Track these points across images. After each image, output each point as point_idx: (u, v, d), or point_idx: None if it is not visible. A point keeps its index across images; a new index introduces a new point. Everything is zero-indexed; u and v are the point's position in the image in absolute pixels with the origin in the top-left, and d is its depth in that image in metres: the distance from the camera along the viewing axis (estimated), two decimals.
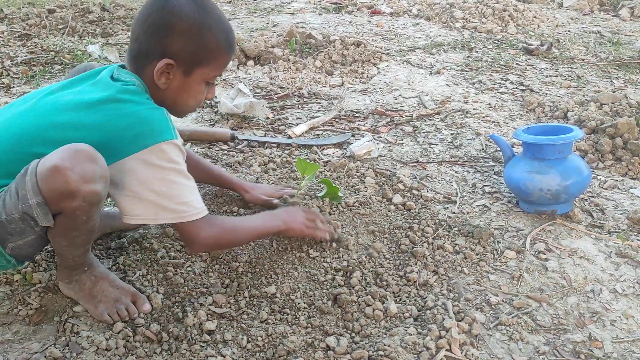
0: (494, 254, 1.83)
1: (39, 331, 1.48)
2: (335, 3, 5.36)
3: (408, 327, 1.52)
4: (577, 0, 5.57)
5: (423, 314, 1.58)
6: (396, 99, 3.13)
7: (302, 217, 1.74)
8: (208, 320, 1.50)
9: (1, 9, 4.39)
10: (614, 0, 5.68)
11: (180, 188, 1.43)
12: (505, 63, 3.77)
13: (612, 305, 1.63)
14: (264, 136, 2.61)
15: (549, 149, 1.94)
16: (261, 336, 1.46)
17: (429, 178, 2.28)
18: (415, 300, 1.64)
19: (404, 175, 2.25)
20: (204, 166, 1.96)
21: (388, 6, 5.29)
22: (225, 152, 2.41)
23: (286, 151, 2.44)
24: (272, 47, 3.73)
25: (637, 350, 1.48)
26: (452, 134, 2.69)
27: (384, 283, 1.69)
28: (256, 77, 3.38)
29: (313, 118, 2.81)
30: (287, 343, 1.43)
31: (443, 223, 1.95)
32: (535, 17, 4.81)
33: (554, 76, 3.57)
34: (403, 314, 1.58)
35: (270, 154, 2.37)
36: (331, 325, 1.54)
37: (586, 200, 2.15)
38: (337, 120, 2.83)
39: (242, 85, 2.89)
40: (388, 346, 1.43)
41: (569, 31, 4.63)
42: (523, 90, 3.30)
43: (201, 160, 1.97)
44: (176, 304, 1.57)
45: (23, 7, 4.54)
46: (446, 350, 1.44)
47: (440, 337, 1.47)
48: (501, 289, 1.69)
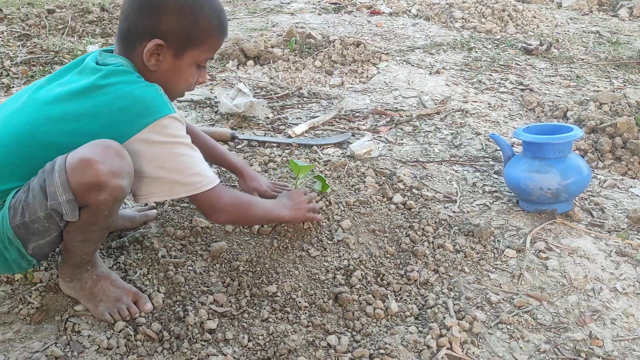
0: (495, 253, 1.84)
1: (40, 330, 1.48)
2: (334, 3, 5.36)
3: (409, 326, 1.52)
4: (576, 0, 5.58)
5: (424, 313, 1.58)
6: (396, 99, 3.13)
7: (305, 204, 1.77)
8: (209, 319, 1.50)
9: (1, 9, 4.39)
10: (613, 0, 5.69)
11: (189, 160, 1.43)
12: (504, 63, 3.77)
13: (613, 303, 1.64)
14: (264, 136, 2.61)
15: (549, 148, 1.94)
16: (262, 335, 1.47)
17: (429, 177, 2.29)
18: (416, 299, 1.64)
19: (404, 174, 2.25)
20: (205, 142, 1.90)
21: (387, 6, 5.29)
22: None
23: (286, 151, 2.44)
24: (272, 47, 3.74)
25: (638, 348, 1.49)
26: (452, 134, 2.70)
27: (385, 282, 1.69)
28: (256, 77, 3.38)
29: (313, 118, 2.82)
30: (288, 342, 1.43)
31: (443, 222, 1.96)
32: (534, 17, 4.81)
33: (554, 76, 3.57)
34: (404, 313, 1.58)
35: (270, 154, 2.37)
36: (332, 324, 1.54)
37: (586, 199, 2.15)
38: (337, 120, 2.84)
39: (242, 85, 2.89)
40: (389, 345, 1.43)
41: (568, 31, 4.64)
42: (522, 89, 3.31)
43: (201, 134, 1.91)
44: (177, 303, 1.57)
45: (22, 8, 4.54)
46: (447, 348, 1.44)
47: (441, 336, 1.47)
48: (502, 288, 1.69)
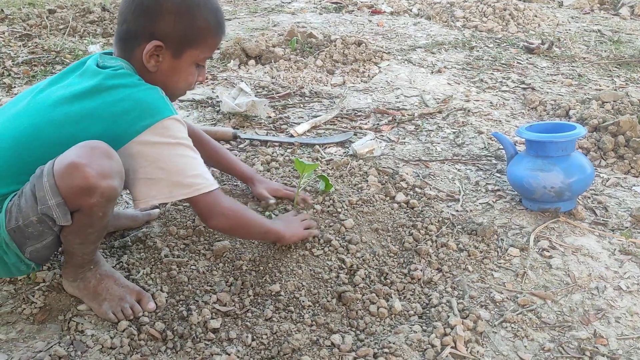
0: (498, 252, 1.83)
1: (44, 330, 1.47)
2: (335, 2, 5.36)
3: (413, 325, 1.51)
4: None
5: (428, 312, 1.57)
6: (398, 98, 3.13)
7: (299, 224, 1.78)
8: (212, 318, 1.50)
9: (2, 10, 4.38)
10: None
11: (189, 161, 1.43)
12: (506, 62, 3.77)
13: (617, 302, 1.63)
14: (266, 135, 2.60)
15: (553, 147, 1.94)
16: (266, 334, 1.46)
17: (432, 176, 2.28)
18: (419, 297, 1.64)
19: (407, 173, 2.25)
20: (210, 147, 1.90)
21: (388, 5, 5.29)
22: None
23: (288, 150, 2.44)
24: (273, 47, 3.73)
25: None
26: (454, 133, 2.69)
27: (388, 281, 1.68)
28: (257, 77, 3.38)
29: (315, 117, 2.81)
30: (292, 341, 1.43)
31: (446, 221, 1.95)
32: (535, 16, 4.81)
33: (555, 75, 3.57)
34: (407, 312, 1.58)
35: (272, 153, 2.37)
36: (336, 323, 1.53)
37: (589, 197, 2.15)
38: (339, 119, 2.83)
39: (244, 84, 2.89)
40: (393, 344, 1.43)
41: (570, 30, 4.64)
42: (524, 88, 3.31)
43: (205, 138, 1.90)
44: (180, 302, 1.57)
45: (24, 8, 4.53)
46: (451, 347, 1.44)
47: (445, 335, 1.47)
48: (505, 287, 1.69)
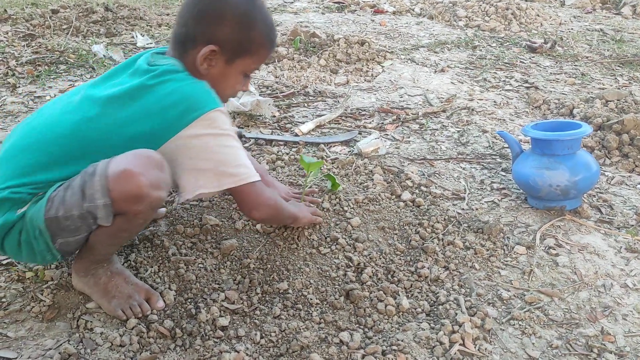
0: (504, 250, 1.84)
1: (53, 328, 1.48)
2: (338, 2, 5.36)
3: (421, 322, 1.52)
4: None
5: (435, 309, 1.58)
6: (401, 97, 3.13)
7: (307, 209, 1.83)
8: (221, 316, 1.50)
9: (5, 10, 4.39)
10: None
11: (235, 152, 1.46)
12: (509, 61, 3.77)
13: (624, 299, 1.64)
14: (271, 134, 2.61)
15: (558, 145, 1.94)
16: (274, 332, 1.47)
17: (437, 175, 2.29)
18: (427, 295, 1.64)
19: (412, 172, 2.25)
20: None
21: (391, 5, 5.29)
22: None
23: (294, 149, 2.45)
24: (277, 46, 3.74)
25: None
26: (459, 131, 2.70)
27: (396, 279, 1.69)
28: (261, 76, 3.38)
29: (319, 116, 2.82)
30: (301, 338, 1.43)
31: (452, 219, 1.96)
32: (538, 16, 4.81)
33: (558, 74, 3.57)
34: (415, 310, 1.58)
35: (277, 152, 2.38)
36: (344, 320, 1.54)
37: (594, 196, 2.15)
38: (343, 118, 2.84)
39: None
40: (401, 341, 1.43)
41: (572, 29, 4.64)
42: (528, 87, 3.31)
43: None
44: (189, 300, 1.57)
45: (27, 8, 4.54)
46: (460, 345, 1.44)
47: (453, 332, 1.47)
48: (512, 284, 1.69)
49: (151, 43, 3.92)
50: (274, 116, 2.80)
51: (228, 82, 1.54)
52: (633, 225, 1.97)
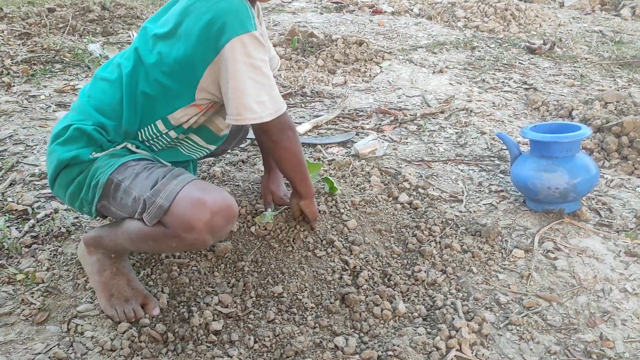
0: (502, 253, 1.81)
1: (43, 331, 1.45)
2: (336, 2, 5.34)
3: (417, 327, 1.50)
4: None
5: (432, 314, 1.55)
6: (399, 98, 3.11)
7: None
8: (214, 320, 1.48)
9: (1, 8, 4.36)
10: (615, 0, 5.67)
11: (259, 85, 1.42)
12: (508, 62, 3.75)
13: (623, 304, 1.61)
14: None
15: (557, 147, 1.92)
16: (268, 336, 1.44)
17: (435, 177, 2.26)
18: (423, 299, 1.62)
19: (410, 174, 2.23)
20: None
21: (389, 5, 5.27)
22: (228, 151, 2.39)
23: None
24: (274, 46, 3.71)
25: None
26: (457, 133, 2.68)
27: (392, 282, 1.66)
28: None
29: (316, 117, 2.79)
30: (295, 343, 1.41)
31: (450, 222, 1.93)
32: (537, 17, 4.79)
33: (557, 75, 3.55)
34: (412, 314, 1.56)
35: None
36: (339, 325, 1.52)
37: (593, 199, 2.13)
38: (341, 119, 2.81)
39: None
40: (397, 346, 1.41)
41: (571, 30, 4.62)
42: (527, 89, 3.29)
43: None
44: (182, 304, 1.55)
45: (23, 6, 4.51)
46: (456, 350, 1.42)
47: (450, 337, 1.45)
48: (510, 288, 1.67)
49: None
50: None
51: None
52: (632, 228, 1.95)
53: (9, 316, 1.49)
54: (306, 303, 1.56)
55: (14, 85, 3.05)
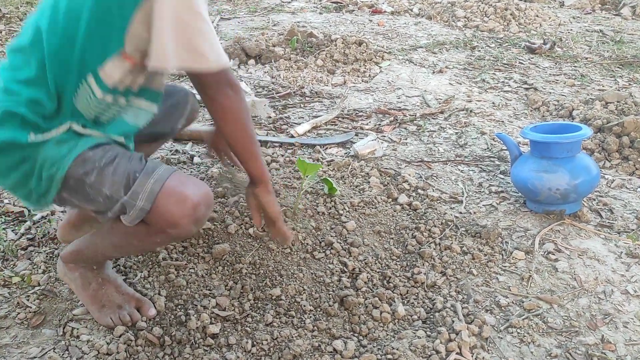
0: (503, 255, 1.80)
1: (38, 335, 1.44)
2: (335, 2, 5.32)
3: (417, 330, 1.48)
4: None
5: (432, 317, 1.54)
6: (399, 98, 3.09)
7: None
8: (212, 323, 1.47)
9: None
10: None
11: (210, 27, 1.27)
12: (508, 62, 3.73)
13: (624, 306, 1.60)
14: (267, 135, 2.57)
15: (558, 148, 1.90)
16: (266, 340, 1.43)
17: (435, 177, 2.25)
18: (423, 302, 1.60)
19: (409, 174, 2.21)
20: None
21: (389, 5, 5.25)
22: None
23: (289, 151, 2.41)
24: (273, 46, 3.70)
25: None
26: (457, 133, 2.66)
27: (391, 284, 1.65)
28: (257, 76, 3.34)
29: (315, 117, 2.78)
30: (293, 347, 1.39)
31: (450, 223, 1.92)
32: (537, 16, 4.77)
33: (558, 75, 3.53)
34: (411, 317, 1.55)
35: (273, 154, 2.33)
36: (338, 328, 1.50)
37: (594, 199, 2.12)
38: (340, 119, 2.80)
39: (244, 84, 2.86)
40: (397, 350, 1.39)
41: (571, 30, 4.60)
42: (527, 89, 3.27)
43: None
44: (179, 307, 1.53)
45: (21, 7, 4.49)
46: (456, 353, 1.40)
47: (450, 340, 1.43)
48: (511, 290, 1.65)
49: None
50: (270, 117, 2.76)
51: None
52: (634, 229, 1.94)
53: (4, 319, 1.48)
54: (304, 306, 1.55)
55: None
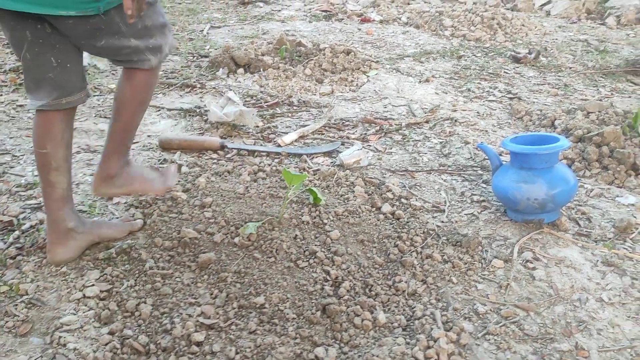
0: (482, 263, 1.84)
1: (26, 343, 1.46)
2: (325, 11, 5.38)
3: (397, 337, 1.52)
4: (565, 8, 5.63)
5: (412, 324, 1.58)
6: (385, 107, 3.15)
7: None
8: (196, 331, 1.50)
9: None
10: (601, 8, 5.75)
11: None
12: (493, 71, 3.80)
13: (599, 314, 1.65)
14: (254, 145, 2.61)
15: (536, 159, 1.95)
16: (250, 347, 1.46)
17: (418, 187, 2.30)
18: (404, 309, 1.64)
19: (393, 184, 2.26)
20: None
21: (378, 14, 5.32)
22: (215, 161, 2.41)
23: (276, 160, 2.45)
24: (262, 55, 3.74)
25: (623, 359, 1.50)
26: (441, 143, 2.71)
27: (373, 293, 1.69)
28: (246, 85, 3.38)
29: (303, 126, 2.82)
30: (276, 354, 1.43)
31: (432, 232, 1.96)
32: (523, 26, 4.85)
33: (542, 84, 3.60)
34: (392, 324, 1.59)
35: (259, 163, 2.38)
36: (320, 335, 1.54)
37: (573, 208, 2.17)
38: (327, 128, 2.84)
39: (232, 93, 2.89)
40: (377, 356, 1.43)
41: (557, 39, 4.68)
42: (511, 98, 3.33)
43: None
44: (164, 315, 1.57)
45: None
46: None
47: (428, 347, 1.47)
48: (489, 298, 1.70)
49: None
50: (257, 126, 2.80)
51: None
52: (610, 238, 1.99)
53: None
54: (288, 314, 1.58)
55: (2, 94, 3.05)
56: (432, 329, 1.53)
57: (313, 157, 2.51)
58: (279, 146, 2.59)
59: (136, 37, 1.59)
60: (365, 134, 2.78)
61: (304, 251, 1.82)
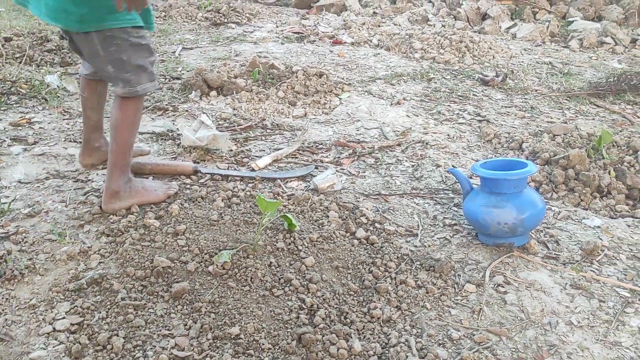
0: (455, 288, 1.87)
1: None
2: (297, 32, 5.43)
3: None
4: (530, 31, 5.81)
5: (387, 352, 1.59)
6: (358, 130, 3.18)
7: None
8: None
9: None
10: (564, 31, 5.95)
11: None
12: (462, 94, 3.88)
13: (568, 337, 1.68)
14: (228, 169, 2.60)
15: (505, 184, 2.00)
16: None
17: (391, 211, 2.32)
18: (379, 337, 1.65)
19: (367, 208, 2.28)
20: None
21: (349, 36, 5.39)
22: (187, 187, 2.40)
23: (250, 185, 2.45)
24: (235, 78, 3.75)
25: None
26: (413, 166, 2.75)
27: (348, 320, 1.69)
28: (219, 108, 3.38)
29: (276, 150, 2.83)
30: None
31: (405, 257, 1.99)
32: (490, 48, 4.98)
33: (509, 107, 3.69)
34: (367, 352, 1.59)
35: (233, 188, 2.37)
36: None
37: (542, 231, 2.22)
38: (300, 152, 2.86)
39: (205, 117, 2.89)
40: None
41: (523, 62, 4.82)
42: (480, 120, 3.41)
43: None
44: (137, 348, 1.54)
45: None
46: None
47: None
48: (462, 324, 1.72)
49: None
50: (231, 150, 2.80)
51: None
52: (578, 260, 2.04)
53: None
54: (263, 344, 1.57)
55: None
56: (407, 357, 1.54)
57: (287, 182, 2.52)
58: (253, 170, 2.59)
59: (112, 65, 1.93)
60: (338, 157, 2.81)
61: (279, 279, 1.81)
